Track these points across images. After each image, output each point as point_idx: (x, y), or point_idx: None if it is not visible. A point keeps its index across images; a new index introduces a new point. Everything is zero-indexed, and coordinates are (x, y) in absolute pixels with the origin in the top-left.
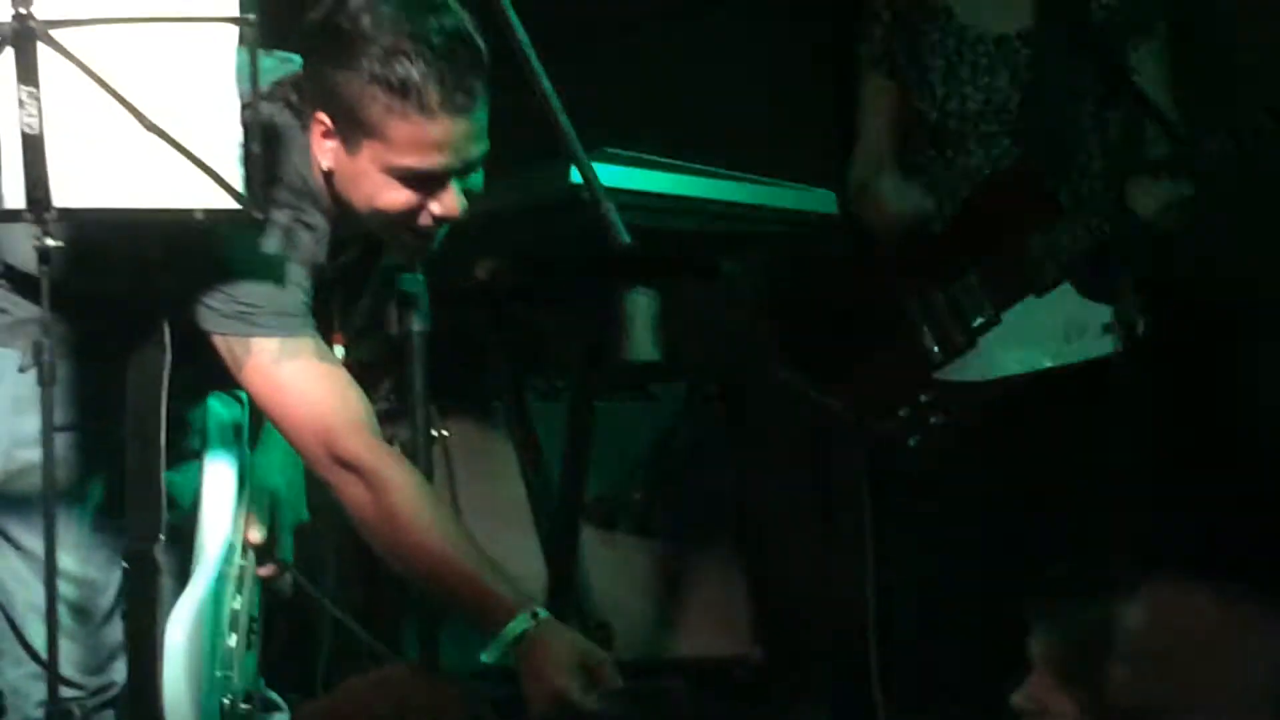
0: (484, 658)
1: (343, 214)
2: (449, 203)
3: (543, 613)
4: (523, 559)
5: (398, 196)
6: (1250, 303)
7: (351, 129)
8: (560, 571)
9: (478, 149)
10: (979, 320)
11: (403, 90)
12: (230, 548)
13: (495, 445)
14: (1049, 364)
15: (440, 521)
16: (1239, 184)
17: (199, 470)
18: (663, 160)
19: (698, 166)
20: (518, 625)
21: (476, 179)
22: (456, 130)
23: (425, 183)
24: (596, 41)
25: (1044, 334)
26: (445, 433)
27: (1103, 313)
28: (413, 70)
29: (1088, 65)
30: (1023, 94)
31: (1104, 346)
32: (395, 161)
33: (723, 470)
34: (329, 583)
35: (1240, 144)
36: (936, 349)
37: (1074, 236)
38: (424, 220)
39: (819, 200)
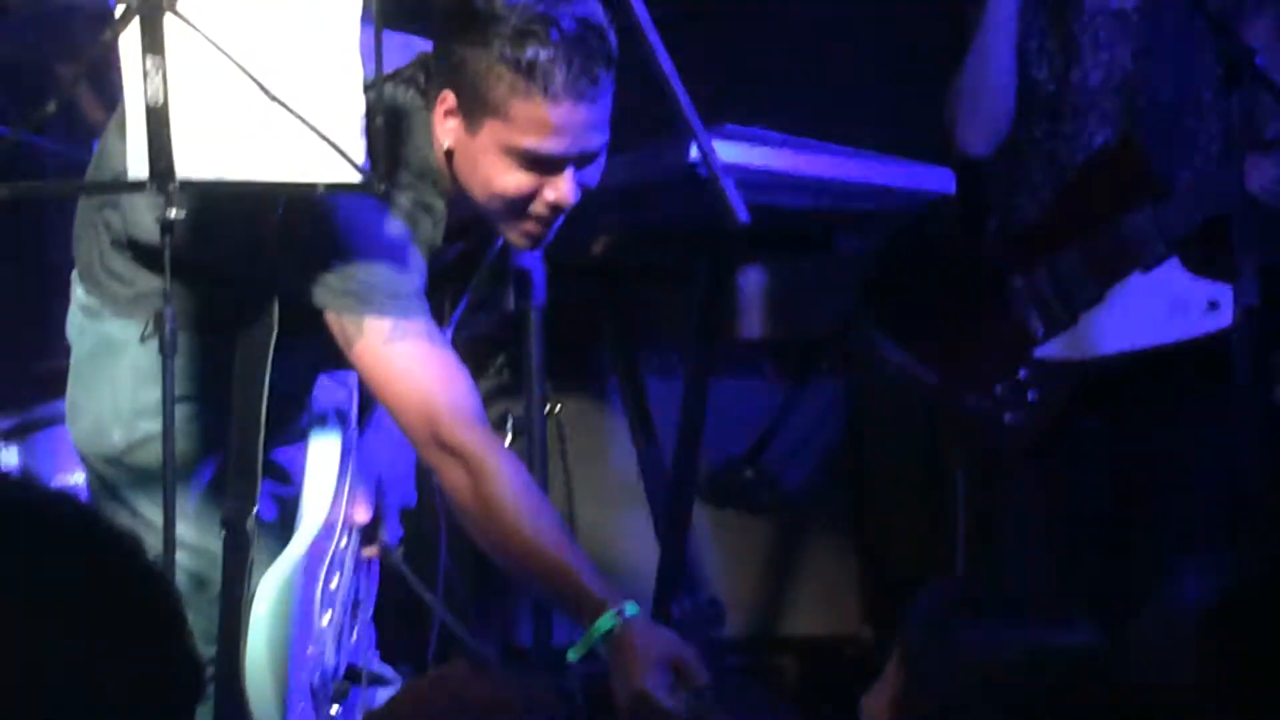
0: (570, 655)
1: (460, 197)
2: (564, 190)
3: (632, 609)
4: (634, 536)
5: (514, 179)
6: None
7: (475, 107)
8: (672, 548)
9: (597, 139)
10: (1082, 297)
11: (529, 71)
12: (329, 527)
13: (609, 422)
14: (1150, 341)
15: (538, 513)
16: None
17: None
18: (780, 137)
19: (815, 143)
20: (604, 623)
21: (593, 172)
22: (578, 116)
23: (543, 166)
24: (716, 17)
25: (1147, 311)
26: (559, 408)
27: (1208, 289)
28: (541, 52)
29: (1204, 40)
30: (1136, 68)
31: (1208, 324)
32: (515, 142)
33: (837, 447)
34: (440, 563)
35: None
36: (1038, 325)
37: (1185, 213)
38: (538, 207)
39: (937, 179)
